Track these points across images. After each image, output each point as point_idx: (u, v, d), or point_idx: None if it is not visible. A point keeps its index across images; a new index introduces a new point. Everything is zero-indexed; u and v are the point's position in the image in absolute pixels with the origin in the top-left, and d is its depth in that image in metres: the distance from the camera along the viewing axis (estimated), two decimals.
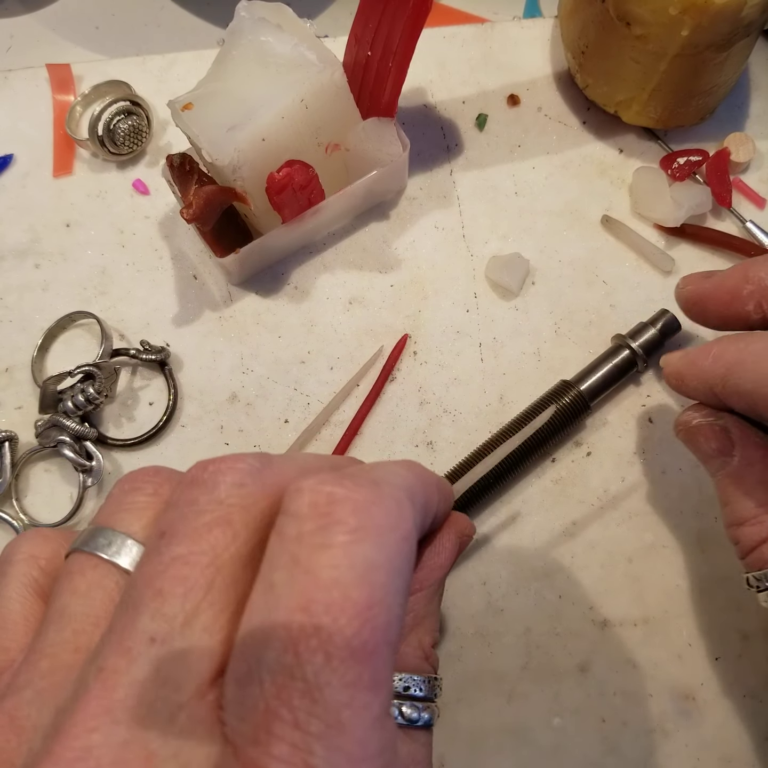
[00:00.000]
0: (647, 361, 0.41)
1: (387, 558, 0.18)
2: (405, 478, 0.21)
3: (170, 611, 0.18)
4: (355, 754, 0.16)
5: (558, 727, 0.38)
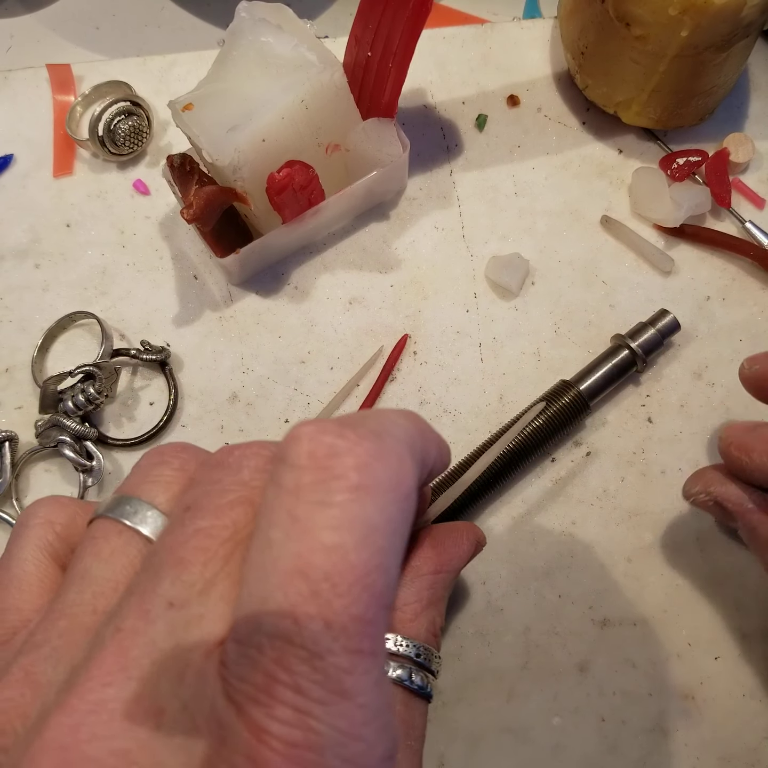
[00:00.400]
0: (646, 361, 0.41)
1: (387, 519, 0.17)
2: (407, 430, 0.20)
3: (189, 579, 0.18)
4: (356, 718, 0.16)
5: (558, 726, 0.38)
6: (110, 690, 0.17)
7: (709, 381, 0.43)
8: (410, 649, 0.27)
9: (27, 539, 0.23)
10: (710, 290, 0.45)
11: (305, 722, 0.16)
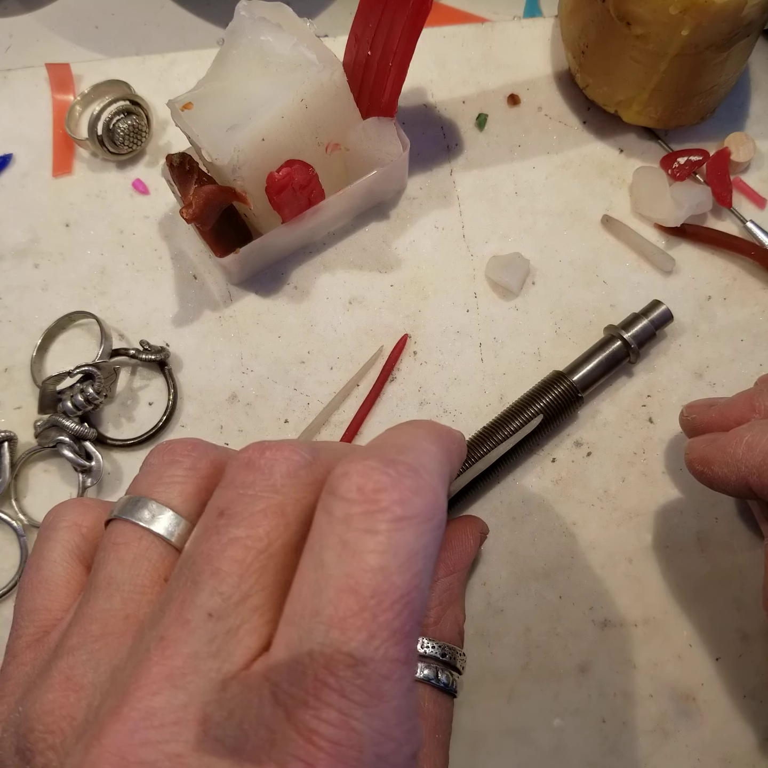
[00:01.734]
0: (639, 352, 0.41)
1: (424, 545, 0.19)
2: (436, 458, 0.22)
3: (227, 590, 0.20)
4: (390, 719, 0.18)
5: (558, 727, 0.38)
6: (159, 698, 0.19)
7: (710, 381, 0.43)
8: (436, 650, 0.30)
9: (55, 541, 0.24)
10: (711, 290, 0.45)
11: (348, 723, 0.18)
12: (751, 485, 0.31)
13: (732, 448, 0.32)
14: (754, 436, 0.31)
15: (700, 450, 0.34)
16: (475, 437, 0.40)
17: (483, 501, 0.41)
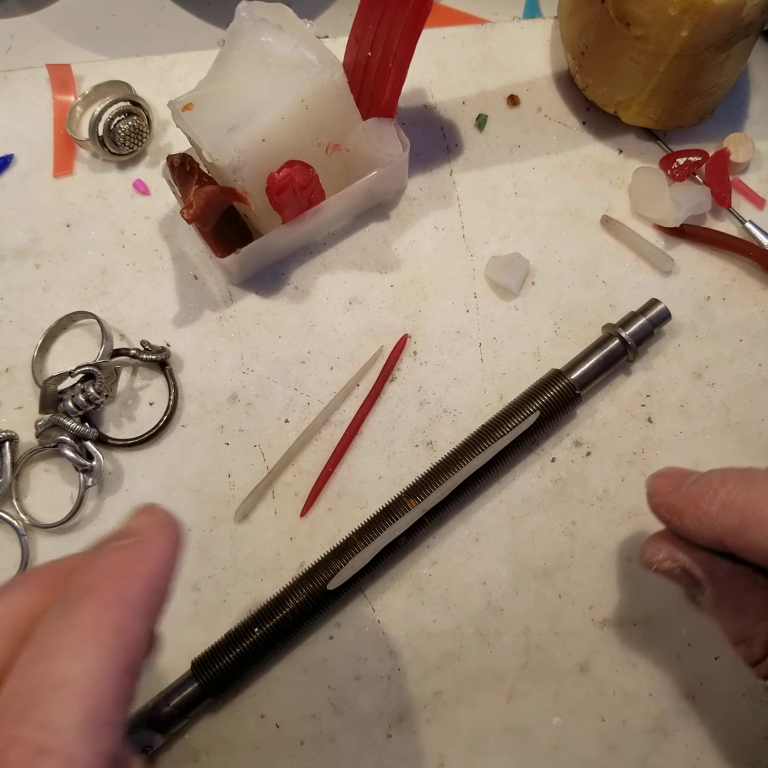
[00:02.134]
0: (637, 351, 0.41)
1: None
2: (88, 696, 0.19)
3: None
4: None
5: (558, 726, 0.38)
6: None
7: (709, 381, 0.43)
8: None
9: None
10: (710, 290, 0.45)
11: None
12: (727, 545, 0.29)
13: (705, 505, 0.30)
14: (729, 493, 0.29)
15: (667, 497, 0.32)
16: (473, 435, 0.40)
17: (482, 500, 0.41)
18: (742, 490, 0.29)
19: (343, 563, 0.37)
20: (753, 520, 0.28)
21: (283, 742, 0.38)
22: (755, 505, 0.28)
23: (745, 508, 0.28)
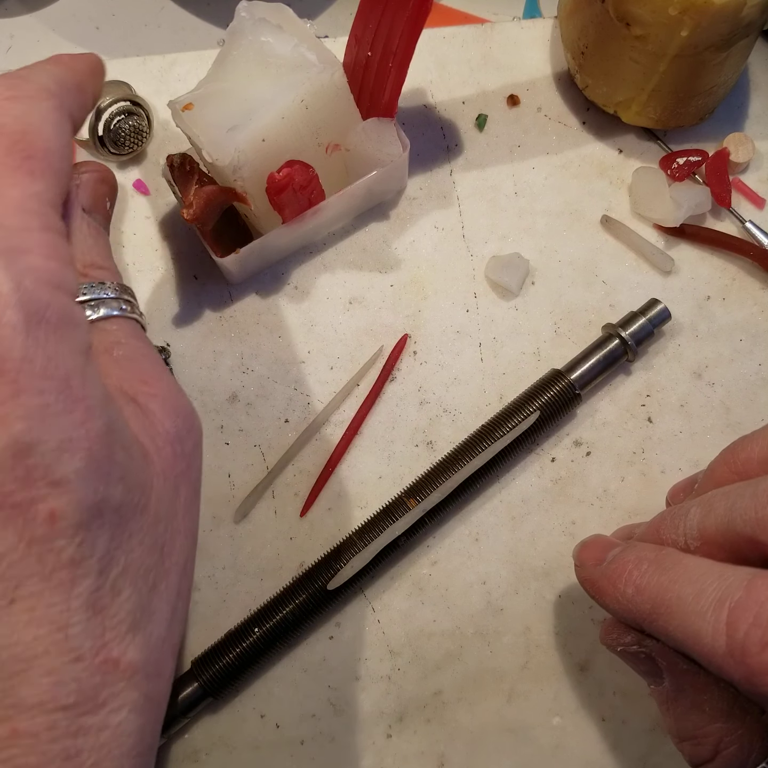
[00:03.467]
0: (637, 351, 0.41)
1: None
2: (50, 72, 0.25)
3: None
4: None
5: (558, 726, 0.38)
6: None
7: (709, 381, 0.43)
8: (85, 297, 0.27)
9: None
10: (710, 290, 0.45)
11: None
12: (644, 629, 0.28)
13: (622, 586, 0.29)
14: (642, 576, 0.28)
15: (589, 571, 0.31)
16: (473, 435, 0.40)
17: (482, 500, 0.41)
18: (654, 575, 0.28)
19: (343, 563, 0.37)
20: (662, 607, 0.27)
21: (283, 742, 0.38)
22: (664, 592, 0.27)
23: (656, 595, 0.27)
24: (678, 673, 0.29)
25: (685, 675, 0.29)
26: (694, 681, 0.29)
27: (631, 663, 0.32)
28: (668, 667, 0.30)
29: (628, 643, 0.31)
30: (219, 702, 0.38)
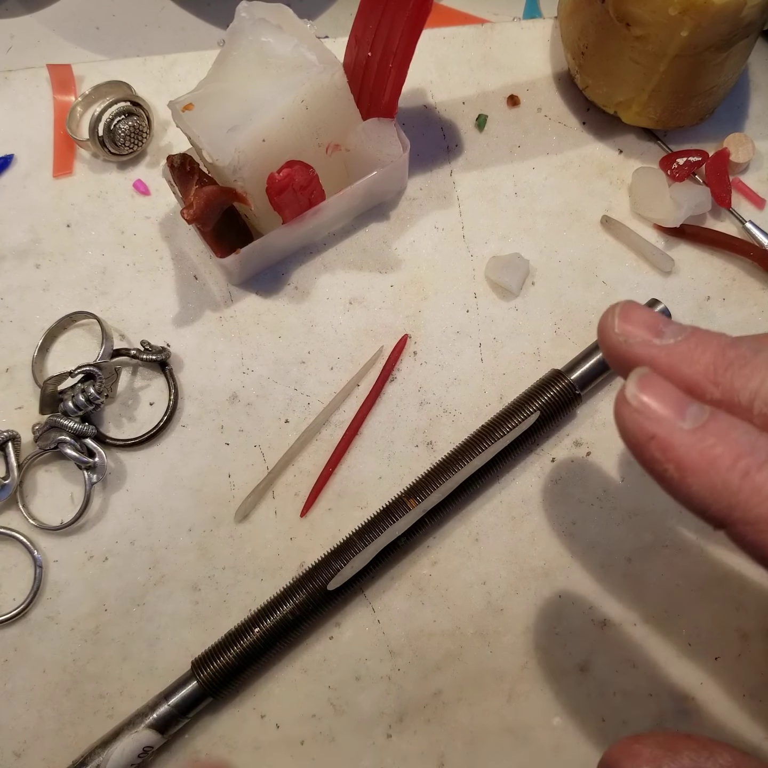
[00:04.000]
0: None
1: None
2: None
3: None
4: None
5: (558, 726, 0.38)
6: None
7: None
8: None
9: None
10: (710, 290, 0.45)
11: None
12: (735, 534, 0.22)
13: (725, 470, 0.21)
14: (763, 468, 0.21)
15: (668, 428, 0.22)
16: (473, 435, 0.40)
17: (482, 500, 0.41)
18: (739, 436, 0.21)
19: (343, 563, 0.37)
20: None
21: (283, 742, 0.38)
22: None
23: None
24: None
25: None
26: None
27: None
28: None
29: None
30: (219, 702, 0.38)
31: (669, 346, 0.24)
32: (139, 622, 0.39)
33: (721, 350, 0.24)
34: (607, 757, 0.27)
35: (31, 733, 0.38)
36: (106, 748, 0.35)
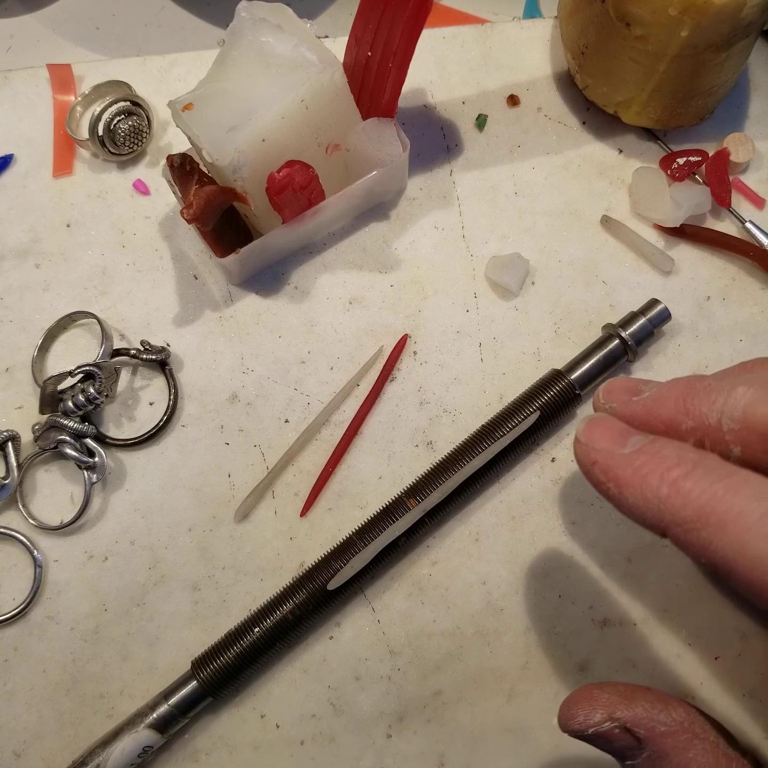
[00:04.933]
0: (637, 351, 0.41)
1: None
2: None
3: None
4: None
5: (558, 726, 0.38)
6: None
7: None
8: None
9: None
10: (710, 290, 0.45)
11: None
12: (672, 537, 0.24)
13: (656, 482, 0.24)
14: (686, 477, 0.24)
15: (605, 455, 0.26)
16: (473, 435, 0.40)
17: (482, 500, 0.41)
18: (703, 479, 0.24)
19: (343, 563, 0.37)
20: (712, 518, 0.23)
21: (283, 742, 0.38)
22: (718, 502, 0.23)
23: (705, 503, 0.23)
24: (658, 737, 0.28)
25: (666, 737, 0.28)
26: (675, 742, 0.28)
27: (602, 744, 0.29)
28: (647, 735, 0.28)
29: (598, 723, 0.28)
30: (219, 702, 0.38)
31: (644, 398, 0.28)
32: (139, 622, 0.39)
33: (689, 384, 0.28)
34: (567, 700, 0.30)
35: (31, 733, 0.38)
36: (106, 748, 0.35)
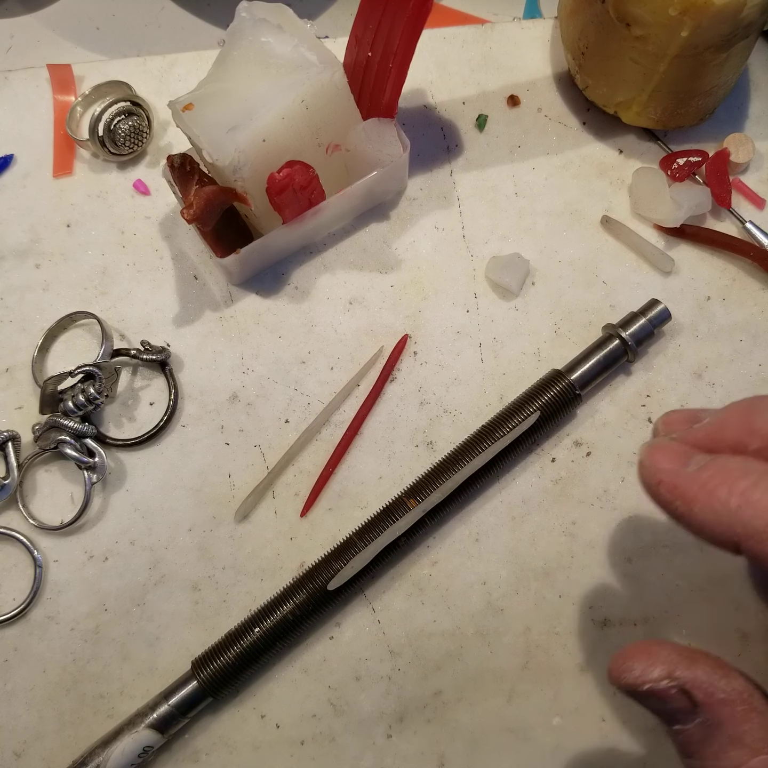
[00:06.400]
0: (637, 351, 0.41)
1: None
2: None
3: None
4: None
5: (558, 726, 0.38)
6: None
7: (709, 381, 0.43)
8: None
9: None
10: (710, 290, 0.45)
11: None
12: (744, 549, 0.25)
13: (724, 495, 0.25)
14: (754, 487, 0.25)
15: (671, 475, 0.27)
16: (473, 435, 0.40)
17: (482, 500, 0.41)
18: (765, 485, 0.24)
19: (343, 563, 0.37)
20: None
21: (283, 742, 0.38)
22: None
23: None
24: (716, 704, 0.26)
25: (724, 705, 0.26)
26: (732, 711, 0.26)
27: (654, 703, 0.27)
28: (705, 699, 0.26)
29: (656, 679, 0.26)
30: (219, 702, 0.38)
31: (705, 424, 0.29)
32: (139, 621, 0.39)
33: (750, 404, 0.28)
34: (621, 652, 0.28)
35: (31, 733, 0.38)
36: (106, 748, 0.35)
